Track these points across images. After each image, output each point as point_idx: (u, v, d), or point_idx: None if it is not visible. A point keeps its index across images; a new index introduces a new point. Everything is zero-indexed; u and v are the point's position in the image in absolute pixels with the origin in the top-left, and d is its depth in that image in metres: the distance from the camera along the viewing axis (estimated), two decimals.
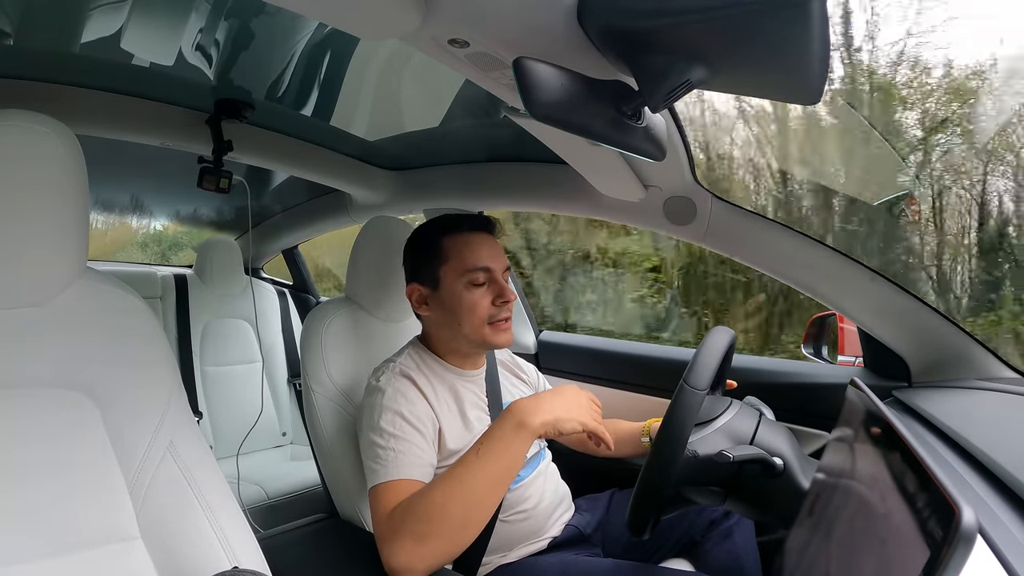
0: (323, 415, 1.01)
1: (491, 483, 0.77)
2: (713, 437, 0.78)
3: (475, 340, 0.95)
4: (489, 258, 0.95)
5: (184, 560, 0.63)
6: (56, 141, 0.59)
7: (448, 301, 0.94)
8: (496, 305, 0.94)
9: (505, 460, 0.77)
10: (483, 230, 0.97)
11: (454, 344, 0.98)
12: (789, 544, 0.70)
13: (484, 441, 0.79)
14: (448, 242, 0.95)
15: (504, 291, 0.94)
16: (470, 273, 0.93)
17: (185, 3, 0.88)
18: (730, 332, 0.83)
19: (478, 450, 0.78)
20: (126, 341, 0.67)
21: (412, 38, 0.57)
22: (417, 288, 0.98)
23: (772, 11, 0.41)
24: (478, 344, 0.96)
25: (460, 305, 0.93)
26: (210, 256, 2.06)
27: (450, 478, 0.77)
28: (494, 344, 0.95)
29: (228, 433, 1.87)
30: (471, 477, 0.76)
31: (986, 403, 0.87)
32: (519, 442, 0.78)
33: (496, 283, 0.94)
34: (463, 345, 0.97)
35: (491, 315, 0.94)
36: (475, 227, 0.97)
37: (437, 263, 0.95)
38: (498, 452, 0.77)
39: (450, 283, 0.94)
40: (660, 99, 0.49)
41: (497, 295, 0.94)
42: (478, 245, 0.95)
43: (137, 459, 0.63)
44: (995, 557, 0.43)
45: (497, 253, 0.97)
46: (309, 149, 1.44)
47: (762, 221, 1.06)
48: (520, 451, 0.78)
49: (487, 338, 0.94)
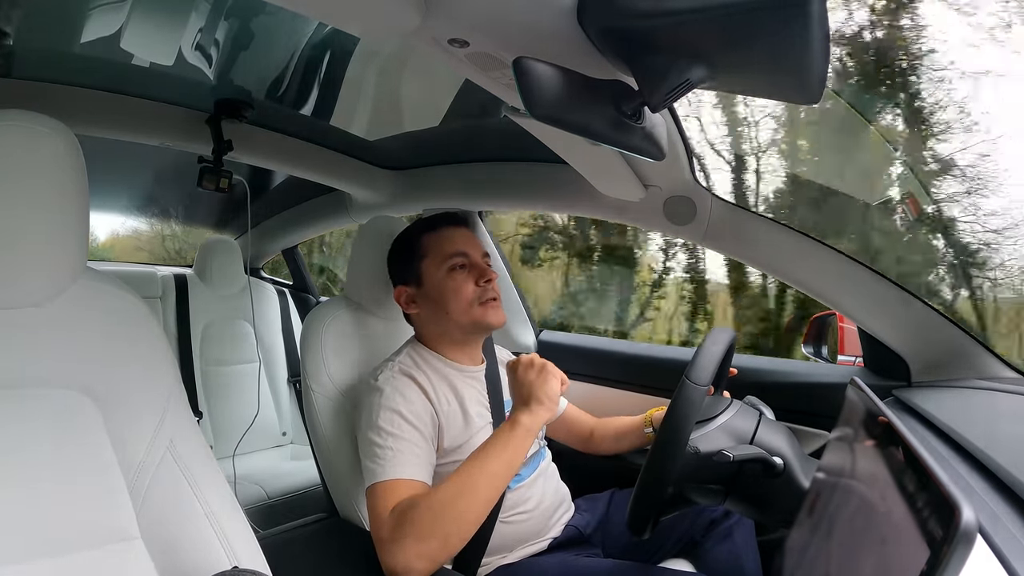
0: (323, 415, 1.01)
1: (493, 479, 0.78)
2: (714, 434, 0.78)
3: (466, 324, 0.97)
4: (465, 244, 0.99)
5: (184, 560, 0.63)
6: (56, 141, 0.59)
7: (433, 292, 0.98)
8: (480, 285, 0.97)
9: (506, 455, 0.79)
10: (456, 224, 1.02)
11: (447, 336, 0.99)
12: (789, 544, 0.70)
13: (486, 447, 0.81)
14: (425, 239, 1.00)
15: (485, 271, 0.98)
16: (449, 259, 0.97)
17: (185, 3, 0.88)
18: (731, 332, 0.83)
19: (480, 455, 0.80)
20: (126, 341, 0.67)
21: (412, 38, 0.57)
22: (404, 289, 1.01)
23: (772, 11, 0.41)
24: (471, 328, 0.97)
25: (445, 292, 0.97)
26: (210, 256, 2.06)
27: (451, 480, 0.78)
28: (487, 323, 0.97)
29: (228, 433, 1.87)
30: (472, 477, 0.77)
31: (986, 403, 0.87)
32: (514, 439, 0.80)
33: (476, 265, 0.98)
34: (456, 334, 0.99)
35: (477, 295, 0.96)
36: (449, 222, 1.02)
37: (417, 260, 0.99)
38: (498, 450, 0.79)
39: (432, 274, 0.98)
40: (660, 99, 0.49)
41: (479, 276, 0.97)
42: (452, 235, 1.00)
43: (137, 459, 0.63)
44: (995, 557, 0.43)
45: (472, 241, 1.01)
46: (309, 149, 1.44)
47: (762, 221, 1.06)
48: (519, 447, 0.80)
49: (478, 318, 0.96)
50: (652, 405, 1.30)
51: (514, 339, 1.55)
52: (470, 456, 0.81)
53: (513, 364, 0.87)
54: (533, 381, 0.82)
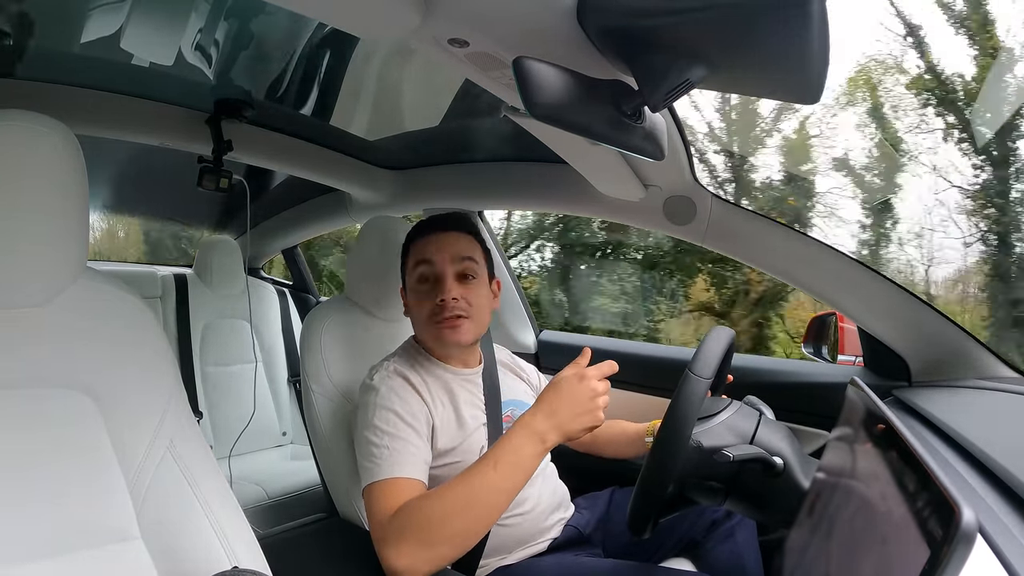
0: (323, 415, 1.01)
1: (503, 494, 0.77)
2: (717, 429, 0.78)
3: (427, 339, 0.97)
4: (436, 252, 0.94)
5: (184, 560, 0.63)
6: (56, 141, 0.59)
7: (410, 300, 0.99)
8: (439, 304, 0.92)
9: (520, 475, 0.77)
10: (442, 229, 0.97)
11: (428, 342, 0.99)
12: (789, 544, 0.70)
13: (500, 454, 0.78)
14: (411, 244, 0.99)
15: (441, 288, 0.92)
16: (415, 269, 0.96)
17: (185, 3, 0.88)
18: (730, 331, 0.83)
19: (495, 463, 0.77)
20: (126, 341, 0.67)
21: (412, 38, 0.57)
22: (401, 290, 1.02)
23: (772, 11, 0.41)
24: (433, 343, 0.97)
25: (411, 303, 0.98)
26: (210, 256, 2.06)
27: (461, 486, 0.76)
28: (444, 341, 0.94)
29: (228, 433, 1.87)
30: (483, 488, 0.76)
31: (986, 403, 0.87)
32: (534, 457, 0.78)
33: (439, 280, 0.93)
34: (430, 343, 0.98)
35: (432, 312, 0.93)
36: (435, 227, 0.98)
37: (403, 265, 1.00)
38: (513, 465, 0.77)
39: (409, 283, 0.98)
40: (660, 98, 0.49)
41: (437, 292, 0.92)
42: (427, 241, 0.96)
43: (137, 459, 0.63)
44: (995, 557, 0.43)
45: (447, 248, 0.94)
46: (309, 149, 1.44)
47: (762, 221, 1.06)
48: (534, 465, 0.78)
49: (436, 336, 0.94)
50: (652, 405, 1.30)
51: (514, 339, 1.55)
52: (480, 459, 0.79)
53: (579, 374, 0.80)
54: (585, 409, 0.78)
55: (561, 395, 0.79)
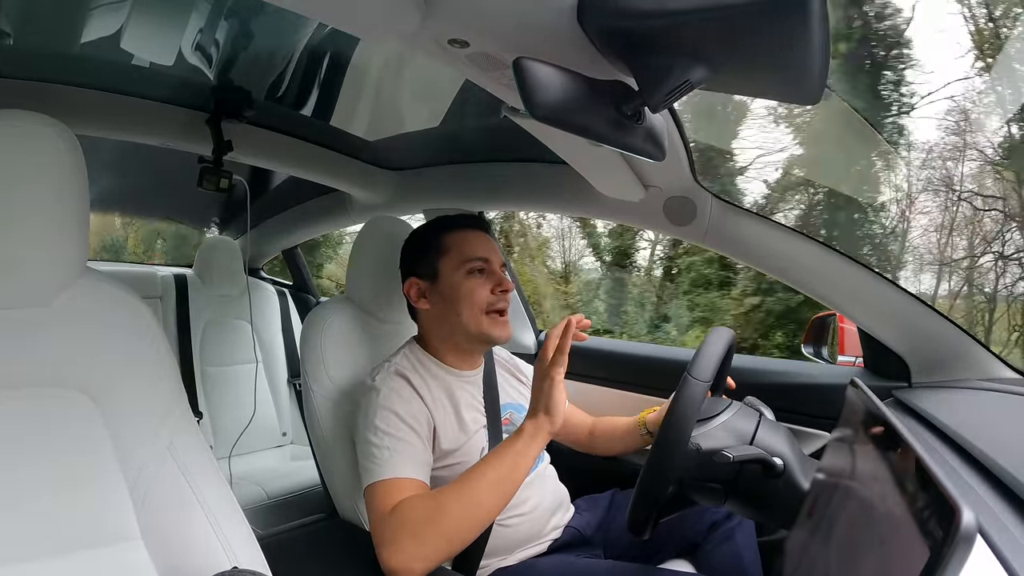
0: (323, 415, 1.01)
1: (498, 495, 0.79)
2: (715, 432, 0.78)
3: (473, 332, 0.95)
4: (486, 251, 0.98)
5: (184, 560, 0.63)
6: (56, 141, 0.59)
7: (447, 291, 0.96)
8: (494, 294, 0.96)
9: (517, 474, 0.80)
10: (480, 228, 1.01)
11: (452, 339, 0.98)
12: (789, 544, 0.70)
13: (497, 456, 0.81)
14: (447, 237, 0.99)
15: (502, 281, 0.97)
16: (469, 262, 0.96)
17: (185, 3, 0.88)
18: (730, 332, 0.83)
19: (492, 464, 0.80)
20: (126, 341, 0.67)
21: (412, 38, 0.57)
22: (416, 282, 0.99)
23: (772, 11, 0.41)
24: (476, 337, 0.96)
25: (459, 293, 0.95)
26: (210, 256, 2.06)
27: (457, 486, 0.78)
28: (492, 337, 0.96)
29: (228, 433, 1.87)
30: (479, 488, 0.78)
31: (986, 403, 0.87)
32: (529, 458, 0.80)
33: (494, 273, 0.97)
34: (461, 339, 0.98)
35: (489, 303, 0.96)
36: (472, 225, 1.01)
37: (436, 255, 0.98)
38: (509, 466, 0.80)
39: (449, 273, 0.96)
40: (660, 99, 0.49)
41: (496, 284, 0.96)
42: (476, 239, 0.99)
43: (137, 459, 0.63)
44: (995, 557, 0.43)
45: (493, 249, 1.00)
46: (309, 149, 1.44)
47: (762, 221, 1.06)
48: (528, 465, 0.81)
49: (485, 329, 0.95)
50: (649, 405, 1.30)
51: (514, 339, 1.55)
52: (478, 462, 0.81)
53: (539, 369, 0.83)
54: (544, 391, 0.81)
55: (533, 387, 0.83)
